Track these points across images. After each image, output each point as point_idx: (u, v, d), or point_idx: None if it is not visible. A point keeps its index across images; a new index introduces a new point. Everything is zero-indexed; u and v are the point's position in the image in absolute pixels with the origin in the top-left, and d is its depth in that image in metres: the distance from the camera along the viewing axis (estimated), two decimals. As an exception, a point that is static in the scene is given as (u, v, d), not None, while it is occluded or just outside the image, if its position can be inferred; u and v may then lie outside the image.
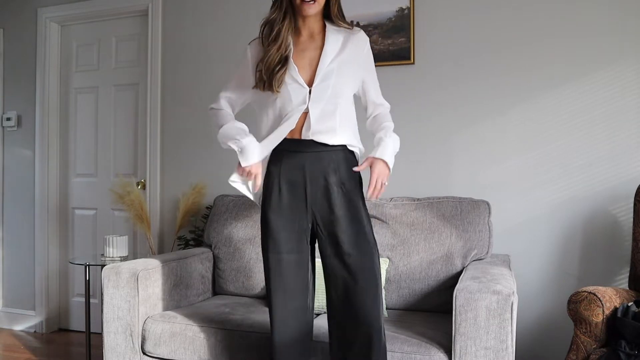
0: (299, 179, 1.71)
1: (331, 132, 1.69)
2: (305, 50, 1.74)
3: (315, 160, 1.70)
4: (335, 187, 1.70)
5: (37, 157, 3.60)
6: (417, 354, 1.83)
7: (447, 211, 2.45)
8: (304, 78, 1.70)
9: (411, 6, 2.73)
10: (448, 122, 2.70)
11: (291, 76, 1.69)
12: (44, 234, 3.59)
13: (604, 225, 2.47)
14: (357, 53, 1.76)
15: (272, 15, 1.72)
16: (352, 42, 1.75)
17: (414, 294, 2.36)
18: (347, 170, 1.73)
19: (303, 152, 1.70)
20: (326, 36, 1.74)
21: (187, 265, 2.50)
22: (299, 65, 1.71)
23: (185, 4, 3.26)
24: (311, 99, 1.68)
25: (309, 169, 1.70)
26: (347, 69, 1.72)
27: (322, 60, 1.70)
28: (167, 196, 3.28)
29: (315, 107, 1.68)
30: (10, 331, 3.63)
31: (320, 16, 1.76)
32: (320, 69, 1.69)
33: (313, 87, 1.69)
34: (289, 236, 1.71)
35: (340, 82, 1.70)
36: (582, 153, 2.50)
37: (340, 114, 1.71)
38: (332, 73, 1.69)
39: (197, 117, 3.20)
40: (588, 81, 2.49)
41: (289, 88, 1.68)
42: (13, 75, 3.71)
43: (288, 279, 1.72)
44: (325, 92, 1.68)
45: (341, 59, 1.72)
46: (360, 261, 1.67)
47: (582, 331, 1.83)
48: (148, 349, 2.16)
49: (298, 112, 1.68)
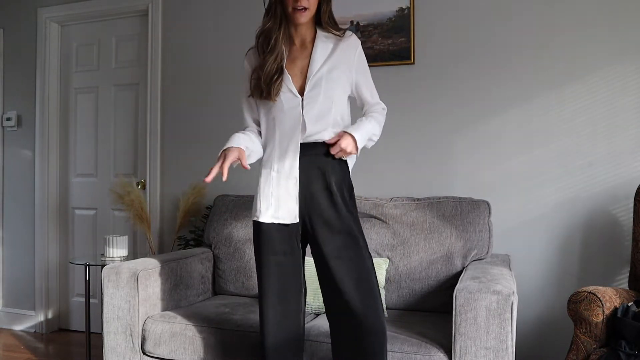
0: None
1: (325, 131, 1.72)
2: (297, 59, 1.77)
3: (309, 163, 1.72)
4: (327, 190, 1.71)
5: (37, 157, 3.60)
6: (417, 354, 1.83)
7: (447, 211, 2.45)
8: (296, 86, 1.73)
9: (411, 6, 2.73)
10: (448, 122, 2.70)
11: (285, 86, 1.72)
12: (44, 234, 3.59)
13: (604, 225, 2.47)
14: (347, 56, 1.78)
15: (267, 24, 1.74)
16: (342, 47, 1.77)
17: (414, 294, 2.36)
18: (339, 173, 1.75)
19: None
20: (315, 44, 1.76)
21: (187, 265, 2.50)
22: (292, 74, 1.74)
23: (185, 4, 3.26)
24: (304, 106, 1.71)
25: (302, 172, 1.71)
26: (337, 73, 1.74)
27: (310, 68, 1.73)
28: (167, 196, 3.28)
29: (309, 113, 1.70)
30: (10, 331, 3.63)
31: (312, 24, 1.78)
32: (310, 76, 1.72)
33: (305, 95, 1.72)
34: (282, 238, 1.73)
35: (331, 87, 1.72)
36: (582, 153, 2.50)
37: (334, 116, 1.73)
38: (321, 79, 1.72)
39: (197, 117, 3.21)
40: (588, 81, 2.49)
41: (282, 97, 1.72)
42: (13, 75, 3.71)
43: (282, 281, 1.73)
44: (317, 98, 1.71)
45: (330, 64, 1.74)
46: (350, 262, 1.68)
47: (582, 331, 1.83)
48: (148, 349, 2.16)
49: (292, 120, 1.71)
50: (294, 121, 1.71)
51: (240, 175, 3.10)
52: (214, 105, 3.16)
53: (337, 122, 1.74)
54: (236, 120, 3.11)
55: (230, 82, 3.13)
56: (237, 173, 3.10)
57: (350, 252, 1.69)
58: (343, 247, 1.69)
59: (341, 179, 1.75)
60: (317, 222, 1.72)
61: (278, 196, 1.72)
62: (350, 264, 1.68)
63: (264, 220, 1.73)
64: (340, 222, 1.70)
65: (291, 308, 1.74)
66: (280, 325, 1.73)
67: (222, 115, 3.12)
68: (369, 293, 1.67)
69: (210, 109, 3.17)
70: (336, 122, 1.74)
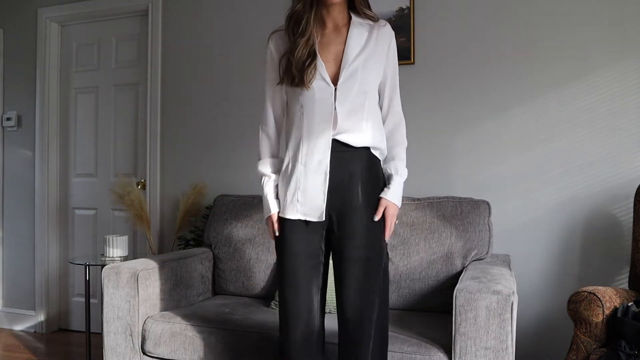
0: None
1: (357, 131, 1.62)
2: (330, 44, 1.65)
3: (338, 161, 1.62)
4: (355, 190, 1.64)
5: (37, 157, 3.60)
6: (417, 354, 1.83)
7: (447, 211, 2.45)
8: (329, 74, 1.62)
9: (411, 6, 2.73)
10: (448, 122, 2.70)
11: (319, 72, 1.60)
12: (44, 234, 3.59)
13: (604, 225, 2.47)
14: (383, 47, 1.69)
15: (297, 5, 1.63)
16: (377, 36, 1.68)
17: (414, 294, 2.36)
18: (368, 172, 1.67)
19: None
20: (350, 29, 1.65)
21: (187, 265, 2.50)
22: (325, 60, 1.62)
23: (185, 4, 3.26)
24: (337, 97, 1.60)
25: (331, 170, 1.62)
26: (372, 64, 1.64)
27: (345, 56, 1.62)
28: (167, 196, 3.28)
29: (342, 106, 1.61)
30: (10, 331, 3.63)
31: (344, 6, 1.66)
32: (345, 65, 1.61)
33: (338, 85, 1.60)
34: (306, 237, 1.66)
35: (366, 79, 1.63)
36: (582, 153, 2.50)
37: (368, 111, 1.64)
38: (357, 70, 1.61)
39: (197, 117, 3.21)
40: (588, 81, 2.49)
41: (314, 85, 1.60)
42: (13, 75, 3.71)
43: (303, 279, 1.65)
44: (351, 90, 1.61)
45: (366, 54, 1.65)
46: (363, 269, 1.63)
47: (582, 331, 1.83)
48: (148, 349, 2.16)
49: (323, 112, 1.60)
50: (325, 113, 1.60)
51: (240, 175, 3.11)
52: (214, 105, 3.16)
53: (369, 116, 1.64)
54: (237, 120, 3.15)
55: (231, 82, 3.13)
56: (237, 173, 3.11)
57: (366, 261, 1.63)
58: (361, 256, 1.63)
59: (371, 178, 1.67)
60: (341, 223, 1.64)
61: (305, 191, 1.62)
62: (363, 270, 1.62)
63: (288, 216, 1.64)
64: (363, 228, 1.64)
65: (311, 304, 1.67)
66: (301, 317, 1.65)
67: (223, 115, 3.12)
68: (370, 305, 1.62)
69: (210, 109, 3.17)
70: (369, 115, 1.64)
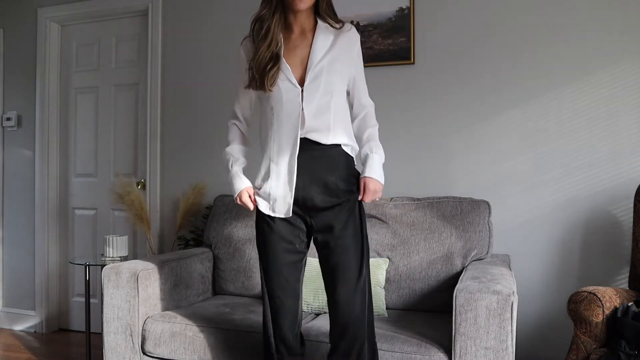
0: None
1: (325, 130, 1.68)
2: (297, 48, 1.72)
3: (310, 158, 1.69)
4: (331, 186, 1.70)
5: (37, 157, 3.60)
6: (417, 354, 1.83)
7: (447, 211, 2.45)
8: (295, 77, 1.69)
9: (411, 6, 2.73)
10: (448, 122, 2.70)
11: (284, 75, 1.68)
12: (44, 234, 3.59)
13: (604, 225, 2.47)
14: (348, 50, 1.75)
15: (262, 11, 1.70)
16: (343, 39, 1.74)
17: (414, 294, 2.36)
18: (343, 168, 1.73)
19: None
20: (315, 34, 1.72)
21: (187, 265, 2.50)
22: (291, 63, 1.69)
23: (185, 4, 3.26)
24: (304, 98, 1.67)
25: (304, 168, 1.68)
26: (337, 66, 1.71)
27: (311, 58, 1.69)
28: (167, 196, 3.28)
29: (309, 106, 1.67)
30: (10, 331, 3.63)
31: (311, 12, 1.74)
32: (310, 67, 1.68)
33: (305, 86, 1.67)
34: (284, 228, 1.73)
35: (332, 80, 1.69)
36: (582, 153, 2.50)
37: (335, 110, 1.70)
38: (322, 71, 1.68)
39: (197, 117, 3.21)
40: (588, 81, 2.49)
41: (281, 87, 1.67)
42: (13, 75, 3.71)
43: (284, 275, 1.73)
44: (317, 90, 1.67)
45: (331, 55, 1.71)
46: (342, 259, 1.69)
47: (582, 331, 1.83)
48: (148, 349, 2.16)
49: (291, 112, 1.67)
50: (293, 113, 1.67)
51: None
52: (214, 105, 3.16)
53: (336, 114, 1.70)
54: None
55: (231, 82, 3.13)
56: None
57: (345, 251, 1.69)
58: (338, 246, 1.69)
59: (345, 174, 1.73)
60: (316, 217, 1.72)
61: (276, 188, 1.70)
62: (343, 261, 1.69)
63: (262, 210, 1.74)
64: (338, 218, 1.70)
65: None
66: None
67: (222, 115, 3.10)
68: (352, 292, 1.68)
69: (210, 109, 3.17)
70: (336, 114, 1.70)
